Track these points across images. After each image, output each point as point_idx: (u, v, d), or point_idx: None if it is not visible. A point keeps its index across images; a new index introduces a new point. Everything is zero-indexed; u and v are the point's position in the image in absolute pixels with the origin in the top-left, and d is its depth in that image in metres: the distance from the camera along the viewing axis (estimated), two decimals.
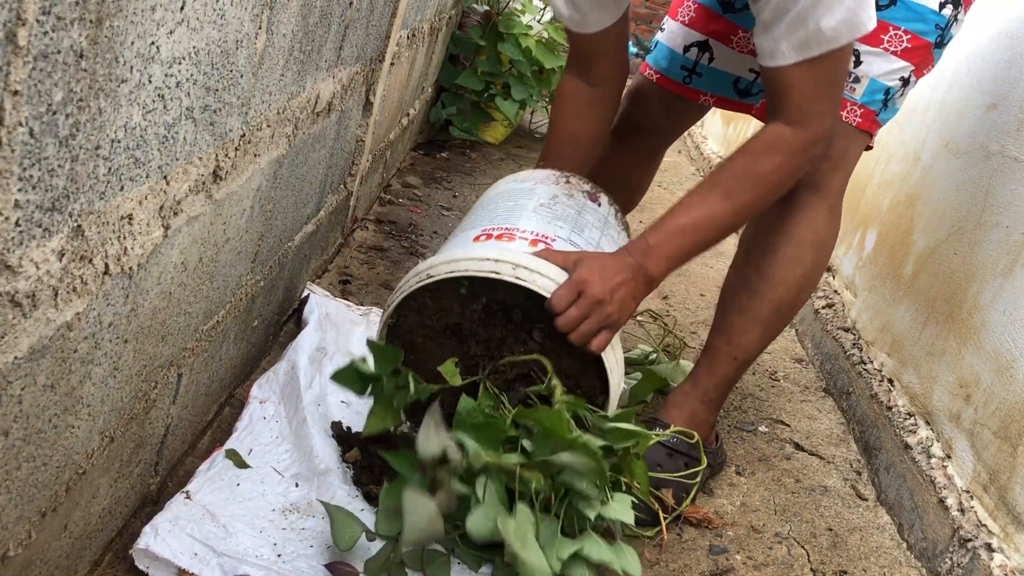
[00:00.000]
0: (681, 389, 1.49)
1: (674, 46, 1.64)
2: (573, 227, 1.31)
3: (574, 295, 1.15)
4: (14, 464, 0.70)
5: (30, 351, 0.66)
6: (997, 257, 1.50)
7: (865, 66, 1.39)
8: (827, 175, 1.41)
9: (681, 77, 1.64)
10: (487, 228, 1.28)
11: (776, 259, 1.43)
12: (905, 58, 1.39)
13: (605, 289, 1.16)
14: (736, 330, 1.45)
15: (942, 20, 1.39)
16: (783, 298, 1.43)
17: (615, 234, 1.39)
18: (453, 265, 1.17)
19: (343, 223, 1.96)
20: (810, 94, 1.24)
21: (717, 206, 1.26)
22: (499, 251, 1.18)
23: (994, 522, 1.33)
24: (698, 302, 2.34)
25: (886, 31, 1.38)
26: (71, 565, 0.90)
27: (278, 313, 1.52)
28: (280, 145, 1.21)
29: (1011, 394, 1.36)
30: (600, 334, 1.18)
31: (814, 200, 1.42)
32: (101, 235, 0.72)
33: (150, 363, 0.94)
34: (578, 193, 1.40)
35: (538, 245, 1.23)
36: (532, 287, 1.15)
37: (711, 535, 1.38)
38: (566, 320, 1.16)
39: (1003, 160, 1.57)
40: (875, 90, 1.40)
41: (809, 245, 1.42)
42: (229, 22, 0.86)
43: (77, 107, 0.62)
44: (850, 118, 1.40)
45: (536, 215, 1.31)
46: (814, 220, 1.42)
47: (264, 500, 1.13)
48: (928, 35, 1.39)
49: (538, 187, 1.39)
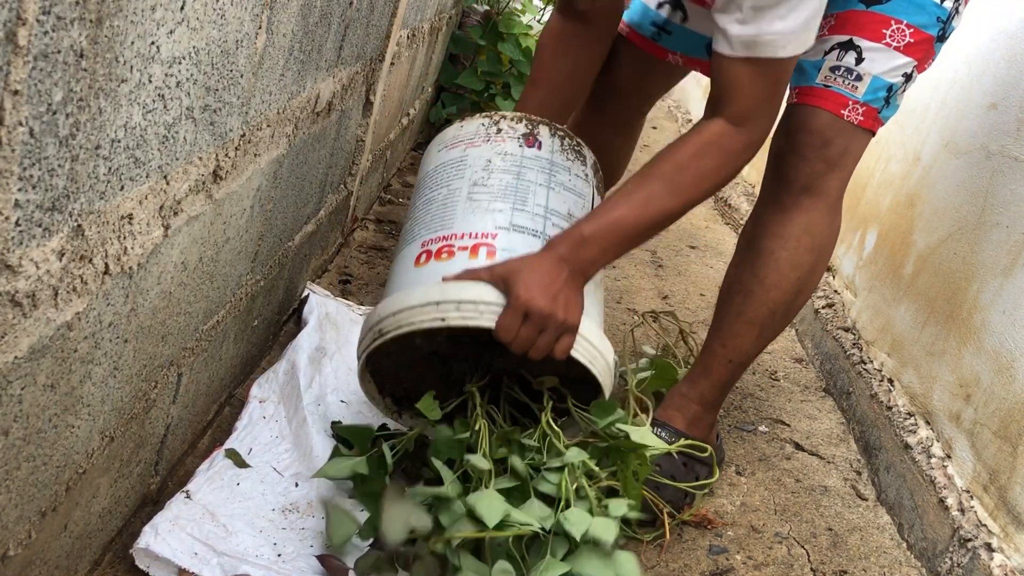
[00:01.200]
0: (678, 390, 1.48)
1: (648, 2, 1.61)
2: (515, 201, 1.25)
3: (519, 317, 1.13)
4: (14, 464, 0.70)
5: (30, 351, 0.66)
6: (997, 257, 1.50)
7: (868, 63, 1.37)
8: (825, 177, 1.39)
9: (651, 34, 1.61)
10: (426, 240, 1.24)
11: (773, 262, 1.41)
12: (908, 53, 1.37)
13: (547, 300, 1.13)
14: (731, 333, 1.44)
15: (943, 13, 1.37)
16: (779, 301, 1.41)
17: (565, 176, 1.33)
18: (400, 318, 1.14)
19: (343, 223, 1.96)
20: (757, 96, 1.23)
21: (657, 202, 1.23)
22: (441, 290, 1.14)
23: (994, 522, 1.33)
24: (698, 302, 2.34)
25: (888, 25, 1.36)
26: (71, 565, 0.90)
27: (278, 313, 1.52)
28: (280, 145, 1.21)
29: (1011, 394, 1.36)
30: (560, 341, 1.15)
31: (812, 202, 1.40)
32: (101, 235, 0.72)
33: (150, 363, 0.94)
34: (512, 142, 1.33)
35: (479, 252, 1.19)
36: (480, 323, 1.13)
37: (711, 535, 1.38)
38: (519, 343, 1.14)
39: (1003, 160, 1.57)
40: (877, 88, 1.38)
41: (807, 249, 1.41)
42: (229, 22, 0.86)
43: (77, 107, 0.62)
44: (851, 117, 1.38)
45: (471, 203, 1.26)
46: (813, 223, 1.40)
47: (264, 500, 1.13)
48: (930, 28, 1.37)
49: (469, 153, 1.33)
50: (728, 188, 3.33)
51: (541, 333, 1.14)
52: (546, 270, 1.15)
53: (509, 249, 1.19)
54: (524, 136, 1.34)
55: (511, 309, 1.13)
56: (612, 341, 1.23)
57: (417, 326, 1.13)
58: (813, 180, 1.39)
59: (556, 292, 1.14)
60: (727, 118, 1.24)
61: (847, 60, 1.37)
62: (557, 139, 1.36)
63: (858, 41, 1.36)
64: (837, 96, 1.37)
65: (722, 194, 3.34)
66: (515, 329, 1.13)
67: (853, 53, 1.37)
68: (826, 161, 1.38)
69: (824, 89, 1.38)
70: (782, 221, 1.41)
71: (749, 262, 1.44)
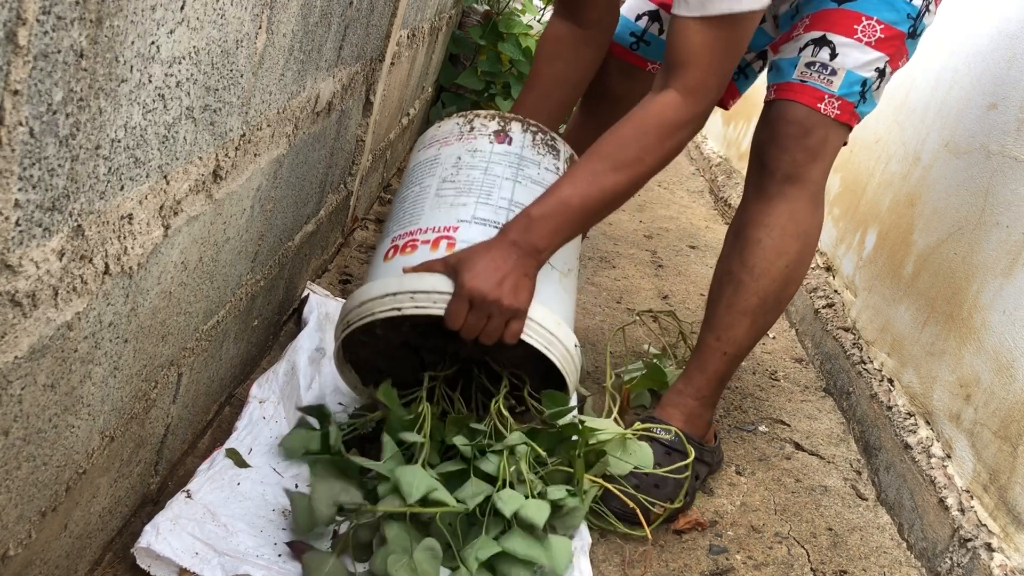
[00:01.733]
0: (675, 388, 1.49)
1: (628, 13, 1.66)
2: (479, 195, 1.30)
3: (466, 303, 1.16)
4: (14, 464, 0.70)
5: (30, 351, 0.66)
6: (997, 257, 1.50)
7: (841, 58, 1.39)
8: (806, 166, 1.41)
9: (629, 43, 1.65)
10: (395, 235, 1.30)
11: (759, 250, 1.42)
12: (879, 48, 1.39)
13: (491, 285, 1.15)
14: (724, 324, 1.45)
15: (913, 10, 1.39)
16: (768, 290, 1.43)
17: (534, 170, 1.36)
18: (363, 310, 1.20)
19: (343, 223, 1.96)
20: (711, 62, 1.24)
21: (605, 179, 1.24)
22: (399, 282, 1.19)
23: (994, 522, 1.33)
24: (698, 302, 2.34)
25: (859, 21, 1.39)
26: (71, 565, 0.90)
27: (278, 313, 1.52)
28: (280, 145, 1.21)
29: (1011, 394, 1.36)
30: (509, 326, 1.18)
31: (795, 191, 1.42)
32: (101, 235, 0.72)
33: (150, 363, 0.94)
34: (483, 139, 1.38)
35: (440, 245, 1.23)
36: (432, 311, 1.17)
37: (711, 535, 1.38)
38: (468, 329, 1.17)
39: (1003, 160, 1.57)
40: (852, 82, 1.40)
41: (792, 236, 1.42)
42: (229, 22, 0.86)
43: (77, 107, 0.62)
44: (828, 111, 1.39)
45: (438, 199, 1.31)
46: (796, 211, 1.42)
47: (264, 500, 1.13)
48: (900, 24, 1.39)
49: (442, 152, 1.38)
50: (729, 188, 3.33)
51: (489, 319, 1.17)
52: (493, 256, 1.18)
53: (469, 240, 1.23)
54: (495, 133, 1.38)
55: (457, 297, 1.16)
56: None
57: (377, 316, 1.19)
58: (795, 168, 1.41)
59: (502, 277, 1.17)
60: (677, 89, 1.25)
61: (821, 56, 1.39)
62: (529, 134, 1.40)
63: (831, 37, 1.39)
64: (813, 90, 1.39)
65: (722, 194, 3.34)
66: (462, 316, 1.16)
67: (827, 48, 1.39)
68: (806, 150, 1.40)
69: (800, 84, 1.40)
70: (766, 211, 1.43)
71: (737, 252, 1.45)
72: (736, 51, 1.27)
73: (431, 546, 1.03)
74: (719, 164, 3.70)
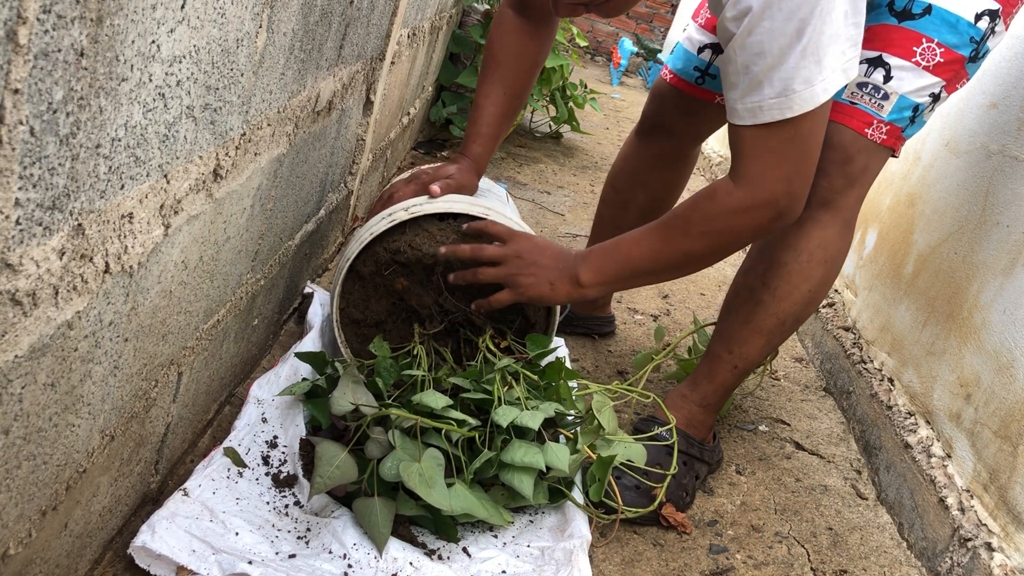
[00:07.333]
0: (679, 391, 1.49)
1: (690, 47, 1.65)
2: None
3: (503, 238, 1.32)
4: (14, 463, 0.70)
5: (31, 350, 0.66)
6: (997, 256, 1.50)
7: (895, 82, 1.34)
8: (844, 192, 1.38)
9: (694, 78, 1.64)
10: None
11: (784, 273, 1.40)
12: (937, 73, 1.34)
13: (530, 254, 1.31)
14: (738, 339, 1.44)
15: (977, 33, 1.32)
16: (788, 312, 1.41)
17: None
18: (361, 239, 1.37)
19: (343, 222, 1.96)
20: (759, 158, 1.22)
21: (657, 245, 1.30)
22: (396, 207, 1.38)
23: (994, 521, 1.33)
24: (698, 301, 2.34)
25: (919, 43, 1.33)
26: (71, 564, 0.90)
27: (278, 312, 1.52)
28: (281, 144, 1.21)
29: (1011, 393, 1.36)
30: (502, 291, 1.32)
31: (828, 217, 1.38)
32: (102, 233, 0.72)
33: (150, 362, 0.93)
34: None
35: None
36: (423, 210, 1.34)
37: (711, 534, 1.38)
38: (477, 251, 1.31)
39: (1003, 159, 1.57)
40: (904, 107, 1.35)
41: (819, 262, 1.39)
42: (230, 20, 0.86)
43: (78, 105, 0.62)
44: (875, 136, 1.36)
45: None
46: (827, 237, 1.39)
47: (261, 499, 1.13)
48: (962, 48, 1.33)
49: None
50: None
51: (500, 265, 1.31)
52: (550, 250, 1.34)
53: None
54: None
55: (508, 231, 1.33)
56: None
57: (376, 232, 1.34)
58: (832, 195, 1.38)
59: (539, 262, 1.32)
60: (732, 177, 1.26)
61: (875, 77, 1.34)
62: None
63: (887, 58, 1.34)
64: (862, 114, 1.35)
65: None
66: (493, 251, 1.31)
67: (882, 70, 1.34)
68: (846, 177, 1.37)
69: (850, 106, 1.36)
70: (796, 234, 1.39)
71: (760, 272, 1.42)
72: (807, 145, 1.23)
73: (435, 455, 1.13)
74: (719, 164, 3.70)
